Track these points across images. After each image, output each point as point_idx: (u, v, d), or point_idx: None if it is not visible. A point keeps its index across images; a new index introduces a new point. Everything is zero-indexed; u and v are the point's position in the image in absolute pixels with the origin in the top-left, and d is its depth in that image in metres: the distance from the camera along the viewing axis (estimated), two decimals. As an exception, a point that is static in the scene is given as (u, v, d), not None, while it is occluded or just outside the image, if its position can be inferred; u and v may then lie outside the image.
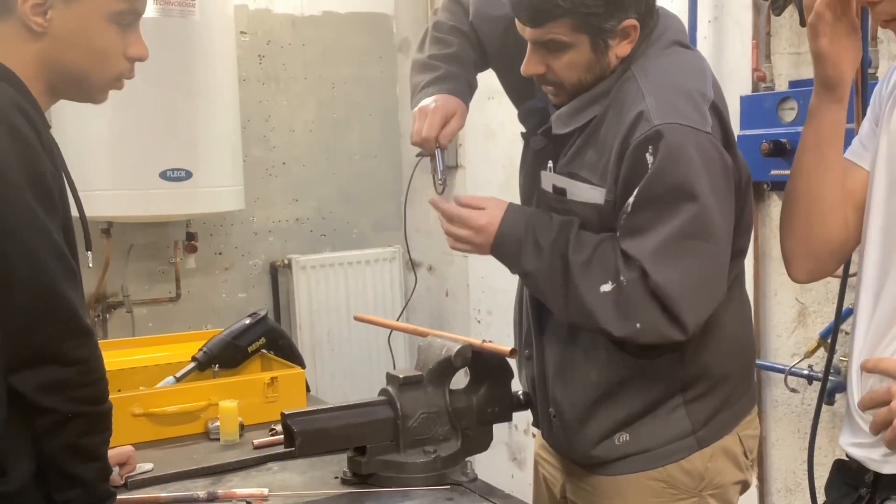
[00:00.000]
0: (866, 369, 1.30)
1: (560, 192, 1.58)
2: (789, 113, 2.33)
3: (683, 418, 1.60)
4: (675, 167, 1.41)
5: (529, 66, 1.55)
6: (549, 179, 1.61)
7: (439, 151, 1.70)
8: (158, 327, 3.52)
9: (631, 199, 1.44)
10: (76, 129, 3.09)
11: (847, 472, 1.37)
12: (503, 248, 1.56)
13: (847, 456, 1.39)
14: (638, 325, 1.46)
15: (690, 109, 1.44)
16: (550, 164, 1.62)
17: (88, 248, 1.42)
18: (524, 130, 1.72)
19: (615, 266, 1.46)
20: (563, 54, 1.50)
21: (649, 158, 1.42)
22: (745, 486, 1.71)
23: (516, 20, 1.52)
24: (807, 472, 2.23)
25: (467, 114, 1.74)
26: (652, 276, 1.42)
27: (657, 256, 1.42)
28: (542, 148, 1.65)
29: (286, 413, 1.62)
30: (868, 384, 1.32)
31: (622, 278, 1.45)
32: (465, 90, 1.77)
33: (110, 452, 1.69)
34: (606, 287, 1.46)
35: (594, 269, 1.48)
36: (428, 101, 1.71)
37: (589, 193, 1.53)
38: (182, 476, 1.74)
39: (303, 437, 1.59)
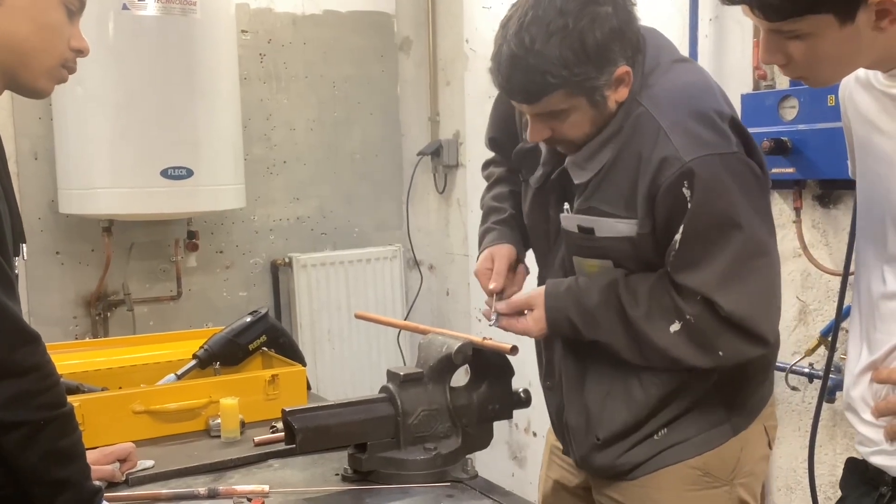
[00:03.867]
0: (880, 380, 1.31)
1: (588, 231, 1.59)
2: (790, 111, 2.32)
3: (718, 406, 1.63)
4: (714, 200, 1.46)
5: (535, 134, 1.57)
6: (573, 221, 1.62)
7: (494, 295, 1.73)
8: (159, 326, 3.53)
9: (678, 236, 1.48)
10: (77, 127, 3.11)
11: (865, 471, 1.38)
12: (559, 332, 1.65)
13: (859, 457, 1.40)
14: (721, 353, 1.53)
15: (713, 135, 1.47)
16: (567, 206, 1.63)
17: (22, 240, 1.37)
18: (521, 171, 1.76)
19: (675, 305, 1.52)
20: (566, 118, 1.52)
21: (686, 193, 1.45)
22: (763, 476, 1.74)
23: (504, 95, 1.56)
24: (807, 471, 2.25)
25: (510, 247, 1.80)
26: (723, 307, 1.48)
27: (722, 286, 1.48)
28: (543, 185, 1.68)
29: (287, 410, 1.62)
30: (873, 389, 1.33)
31: (687, 316, 1.51)
32: (498, 231, 1.83)
33: (111, 448, 1.71)
34: (675, 327, 1.53)
35: (656, 315, 1.54)
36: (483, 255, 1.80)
37: (618, 227, 1.55)
38: (183, 473, 1.74)
39: (304, 433, 1.59)
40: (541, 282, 1.80)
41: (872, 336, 1.33)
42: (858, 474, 1.41)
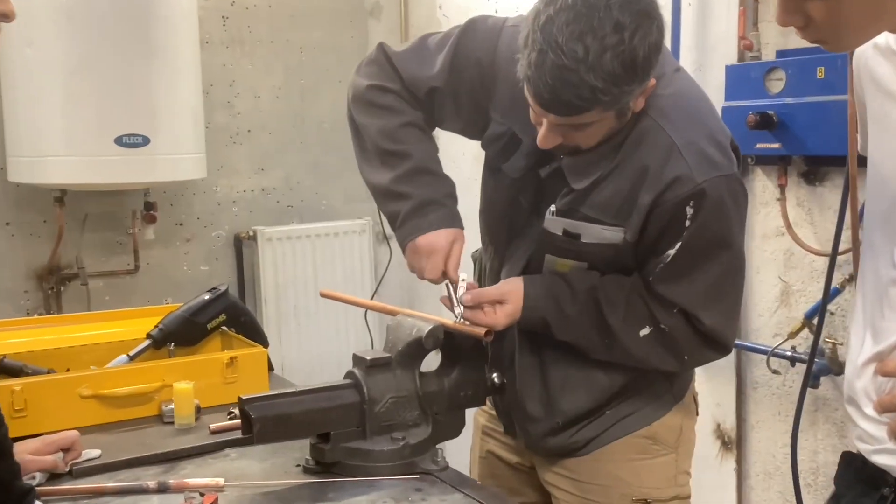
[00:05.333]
0: (885, 373, 1.21)
1: (573, 236, 1.58)
2: (776, 84, 2.25)
3: (661, 378, 1.69)
4: (715, 222, 1.50)
5: (548, 141, 1.48)
6: (559, 224, 1.58)
7: (450, 285, 1.64)
8: (116, 301, 3.39)
9: (671, 251, 1.51)
10: (28, 91, 2.96)
11: (862, 468, 1.30)
12: (528, 329, 1.65)
13: (856, 452, 1.32)
14: (686, 357, 1.61)
15: (721, 157, 1.50)
16: (553, 207, 1.58)
17: None
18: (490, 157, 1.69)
19: (648, 312, 1.57)
20: (586, 128, 1.46)
21: (689, 211, 1.48)
22: (694, 443, 1.81)
23: (538, 105, 1.43)
24: (789, 456, 2.18)
25: (463, 231, 1.67)
26: (704, 322, 1.55)
27: (706, 304, 1.55)
28: (522, 177, 1.62)
29: (244, 398, 1.51)
30: (877, 382, 1.24)
31: (662, 325, 1.56)
32: (449, 209, 1.67)
33: (53, 437, 1.59)
34: (645, 331, 1.58)
35: (631, 320, 1.58)
36: (422, 241, 1.63)
37: (604, 234, 1.55)
38: (132, 463, 1.62)
39: (261, 423, 1.48)
40: (495, 267, 1.74)
41: (879, 324, 1.24)
42: (854, 471, 1.33)
